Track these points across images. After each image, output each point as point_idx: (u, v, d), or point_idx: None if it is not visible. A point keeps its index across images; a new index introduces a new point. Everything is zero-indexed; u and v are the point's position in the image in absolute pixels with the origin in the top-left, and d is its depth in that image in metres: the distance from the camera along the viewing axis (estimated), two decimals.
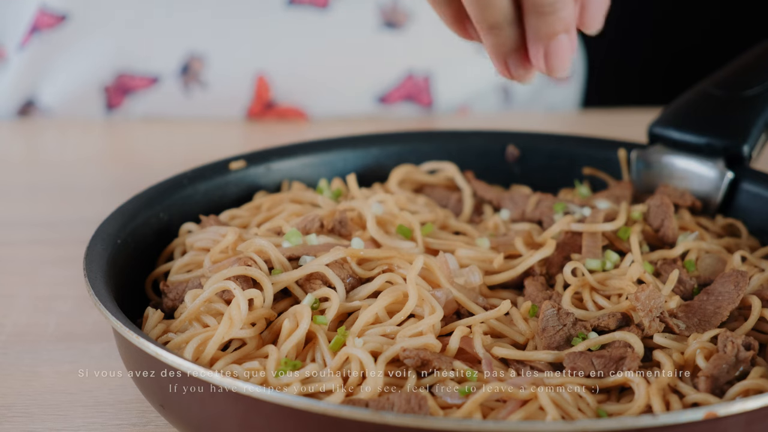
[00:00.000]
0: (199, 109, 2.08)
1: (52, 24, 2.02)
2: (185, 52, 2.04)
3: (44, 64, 2.06)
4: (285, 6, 2.02)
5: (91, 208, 1.73)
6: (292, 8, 2.03)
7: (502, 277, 1.35)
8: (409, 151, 1.60)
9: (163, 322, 1.29)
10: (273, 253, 1.30)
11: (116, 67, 2.06)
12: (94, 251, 1.31)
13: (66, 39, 2.03)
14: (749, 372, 1.19)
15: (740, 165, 1.50)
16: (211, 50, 2.04)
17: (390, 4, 2.05)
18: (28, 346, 1.43)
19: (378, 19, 2.05)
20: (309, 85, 2.09)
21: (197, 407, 1.16)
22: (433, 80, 2.12)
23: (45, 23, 2.02)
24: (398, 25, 2.06)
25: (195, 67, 2.05)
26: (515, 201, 1.50)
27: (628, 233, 1.37)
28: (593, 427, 1.04)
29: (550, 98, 2.27)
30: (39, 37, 2.02)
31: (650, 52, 2.97)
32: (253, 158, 1.54)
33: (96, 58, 2.05)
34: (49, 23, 2.02)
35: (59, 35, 2.03)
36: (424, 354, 1.18)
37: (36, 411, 1.32)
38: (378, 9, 2.05)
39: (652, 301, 1.23)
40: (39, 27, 2.02)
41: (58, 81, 2.08)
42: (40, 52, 2.04)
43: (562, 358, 1.21)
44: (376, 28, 2.05)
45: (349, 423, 1.06)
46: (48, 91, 2.08)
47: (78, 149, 2.06)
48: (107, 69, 2.06)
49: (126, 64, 2.05)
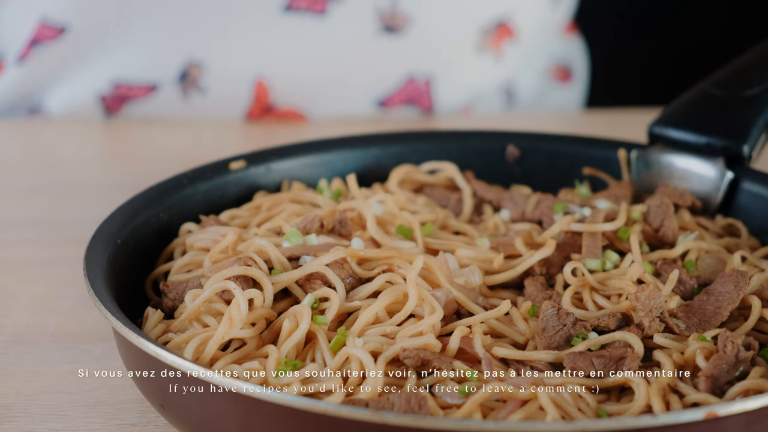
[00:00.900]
0: (197, 115, 2.08)
1: (52, 36, 2.01)
2: (183, 59, 2.04)
3: (44, 76, 2.06)
4: (282, 12, 2.01)
5: (91, 208, 1.73)
6: (289, 14, 2.02)
7: (502, 277, 1.35)
8: (409, 151, 1.60)
9: (163, 322, 1.29)
10: (273, 253, 1.30)
11: (114, 77, 2.05)
12: (94, 251, 1.31)
13: (65, 51, 2.03)
14: (749, 372, 1.19)
15: (740, 165, 1.50)
16: (210, 57, 2.04)
17: (389, 8, 2.04)
18: (28, 346, 1.43)
19: (377, 23, 2.04)
20: (308, 90, 2.09)
21: (197, 407, 1.16)
22: (434, 84, 2.12)
23: (45, 35, 2.02)
24: (397, 29, 2.06)
25: (193, 74, 2.05)
26: (515, 201, 1.50)
27: (628, 233, 1.37)
28: (593, 427, 1.04)
29: (553, 100, 2.27)
30: (39, 49, 2.02)
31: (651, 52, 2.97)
32: (253, 158, 1.54)
33: (94, 69, 2.05)
34: (49, 35, 2.01)
35: (59, 47, 2.03)
36: (424, 354, 1.18)
37: (36, 411, 1.32)
38: (377, 14, 2.04)
39: (652, 301, 1.23)
40: (39, 39, 2.02)
41: (57, 93, 2.08)
42: (40, 64, 2.04)
43: (562, 358, 1.21)
44: (375, 33, 2.05)
45: (349, 423, 1.06)
46: (48, 102, 2.08)
47: (78, 149, 2.06)
48: (105, 80, 2.06)
49: (123, 74, 2.05)
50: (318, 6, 2.02)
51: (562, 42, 2.29)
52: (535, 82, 2.24)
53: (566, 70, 2.28)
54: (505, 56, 2.15)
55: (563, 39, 2.30)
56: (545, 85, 2.25)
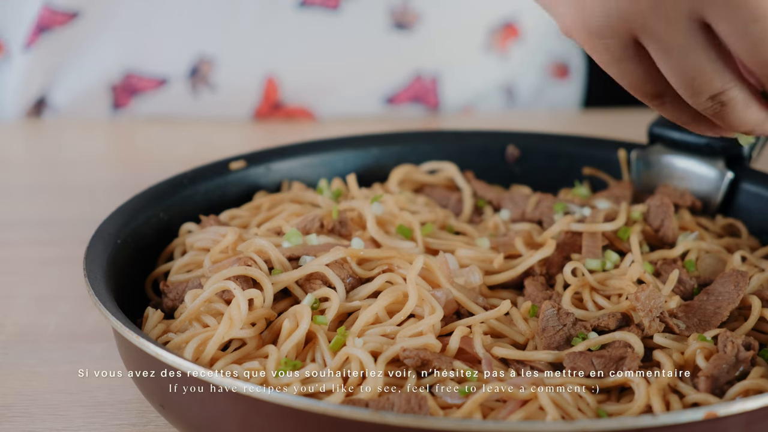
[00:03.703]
0: (206, 111, 2.08)
1: (62, 22, 2.01)
2: (194, 55, 2.04)
3: (54, 64, 2.05)
4: (296, 7, 2.02)
5: (91, 208, 1.73)
6: (303, 9, 2.02)
7: (502, 277, 1.35)
8: (409, 151, 1.60)
9: (163, 322, 1.29)
10: (273, 253, 1.30)
11: (124, 67, 2.05)
12: (94, 251, 1.31)
13: (75, 37, 2.03)
14: (749, 372, 1.19)
15: (740, 165, 1.50)
16: (220, 52, 2.03)
17: (400, 4, 2.04)
18: (28, 346, 1.43)
19: (388, 19, 2.04)
20: (317, 86, 2.09)
21: (197, 407, 1.16)
22: (441, 81, 2.12)
23: (53, 21, 2.01)
24: (408, 26, 2.06)
25: (204, 70, 2.04)
26: (515, 201, 1.50)
27: (628, 233, 1.37)
28: (593, 427, 1.04)
29: (552, 97, 2.27)
30: (47, 36, 2.02)
31: None
32: (254, 158, 1.54)
33: (104, 57, 2.05)
34: (59, 21, 2.01)
35: (68, 33, 2.02)
36: (424, 354, 1.18)
37: (36, 411, 1.32)
38: (389, 10, 2.04)
39: (652, 301, 1.23)
40: (47, 26, 2.01)
41: (66, 80, 2.07)
42: (48, 50, 2.04)
43: (562, 358, 1.21)
44: (386, 29, 2.05)
45: (349, 423, 1.06)
46: (58, 90, 2.08)
47: (78, 149, 2.06)
48: (115, 68, 2.05)
49: (134, 64, 2.05)
50: (331, 1, 2.02)
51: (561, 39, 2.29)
52: (535, 79, 2.24)
53: (564, 67, 2.28)
54: (510, 56, 2.16)
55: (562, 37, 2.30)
56: (544, 82, 2.25)
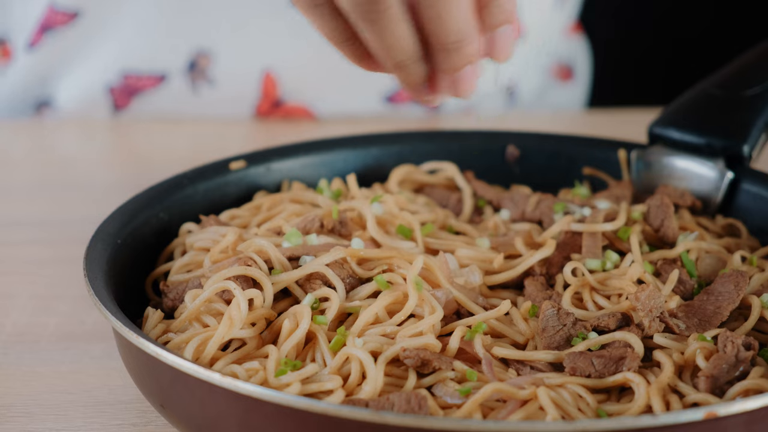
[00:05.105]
0: (206, 107, 2.07)
1: (65, 21, 2.01)
2: (192, 49, 2.03)
3: (56, 64, 2.05)
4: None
5: (91, 208, 1.72)
6: None
7: (502, 277, 1.35)
8: (409, 151, 1.60)
9: (163, 322, 1.29)
10: (273, 253, 1.30)
11: (122, 67, 2.05)
12: (94, 251, 1.31)
13: (77, 38, 2.03)
14: (749, 372, 1.19)
15: (740, 165, 1.50)
16: (219, 47, 2.03)
17: None
18: (28, 346, 1.43)
19: None
20: (317, 84, 2.08)
21: (197, 407, 1.16)
22: None
23: (56, 21, 2.01)
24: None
25: (202, 64, 2.04)
26: (515, 201, 1.50)
27: (628, 233, 1.37)
28: (593, 427, 1.04)
29: (554, 99, 2.27)
30: (51, 35, 2.02)
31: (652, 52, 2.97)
32: (253, 158, 1.54)
33: (103, 58, 2.05)
34: (61, 21, 2.01)
35: (70, 34, 2.02)
36: (424, 354, 1.18)
37: (36, 411, 1.32)
38: None
39: (652, 301, 1.23)
40: (50, 25, 2.01)
41: (67, 84, 2.07)
42: (51, 51, 2.04)
43: (562, 358, 1.21)
44: None
45: (349, 423, 1.06)
46: (57, 96, 2.08)
47: (79, 149, 2.06)
48: (114, 69, 2.05)
49: (133, 62, 2.05)
50: None
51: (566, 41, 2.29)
52: (537, 81, 2.24)
53: (568, 69, 2.28)
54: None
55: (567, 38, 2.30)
56: (546, 83, 2.25)
